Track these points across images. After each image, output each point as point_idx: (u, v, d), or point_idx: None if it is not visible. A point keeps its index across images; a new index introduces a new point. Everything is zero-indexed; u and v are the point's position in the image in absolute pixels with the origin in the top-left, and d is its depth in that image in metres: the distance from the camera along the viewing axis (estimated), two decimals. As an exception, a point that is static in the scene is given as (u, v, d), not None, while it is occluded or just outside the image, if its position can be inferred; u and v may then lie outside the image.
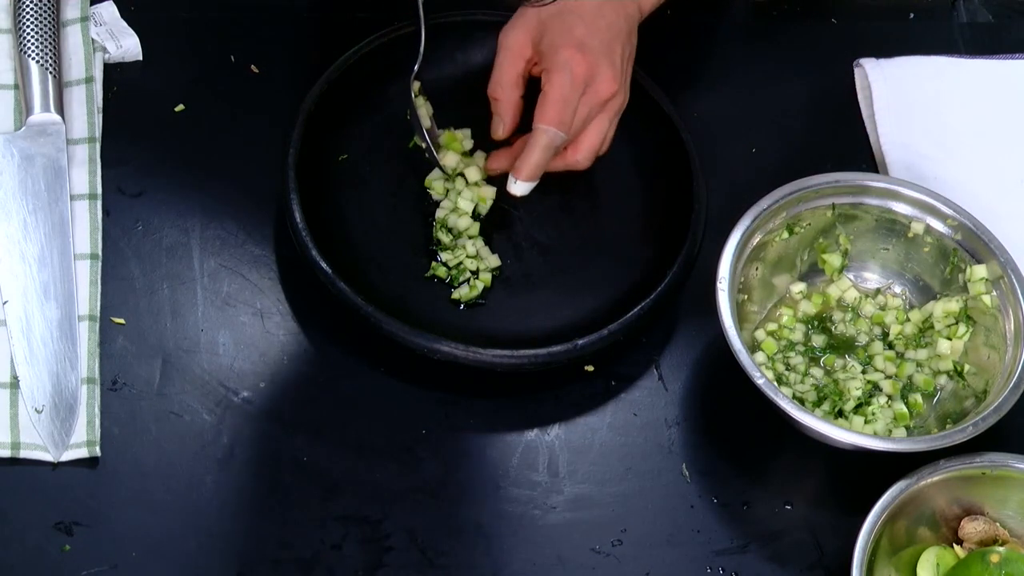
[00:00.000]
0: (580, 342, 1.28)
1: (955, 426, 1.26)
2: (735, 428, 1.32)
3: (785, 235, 1.34)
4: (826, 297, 1.37)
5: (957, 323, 1.34)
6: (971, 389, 1.31)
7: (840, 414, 1.30)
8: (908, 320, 1.36)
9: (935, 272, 1.36)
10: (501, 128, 1.35)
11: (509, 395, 1.32)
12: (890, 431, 1.30)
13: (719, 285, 1.28)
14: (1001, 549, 1.23)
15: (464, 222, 1.36)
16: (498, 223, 1.38)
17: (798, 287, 1.37)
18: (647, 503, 1.28)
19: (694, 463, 1.30)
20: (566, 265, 1.37)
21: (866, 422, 1.30)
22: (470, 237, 1.36)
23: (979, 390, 1.30)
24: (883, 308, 1.37)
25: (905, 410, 1.31)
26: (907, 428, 1.31)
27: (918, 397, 1.32)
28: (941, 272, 1.36)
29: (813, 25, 1.55)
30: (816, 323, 1.36)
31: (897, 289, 1.38)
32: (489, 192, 1.37)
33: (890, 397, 1.32)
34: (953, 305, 1.34)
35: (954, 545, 1.26)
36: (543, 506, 1.27)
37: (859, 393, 1.31)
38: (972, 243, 1.34)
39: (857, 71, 1.50)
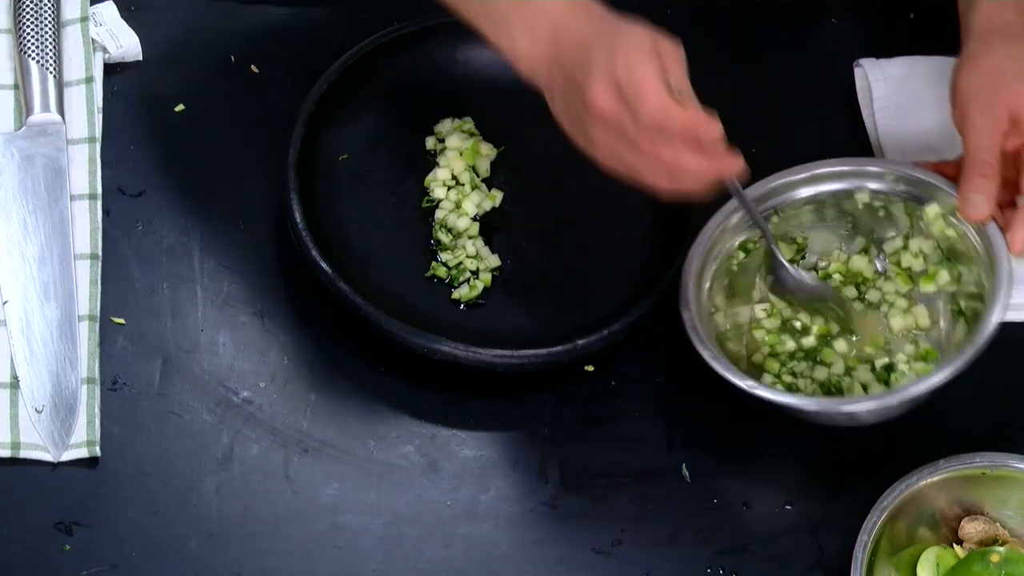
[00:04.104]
0: (580, 342, 1.28)
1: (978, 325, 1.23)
2: (735, 428, 1.32)
3: (742, 256, 1.33)
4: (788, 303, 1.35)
5: (936, 265, 1.32)
6: (968, 300, 1.30)
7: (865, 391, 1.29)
8: (886, 276, 1.34)
9: (900, 231, 1.34)
10: (984, 206, 1.24)
11: (509, 395, 1.32)
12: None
13: (684, 315, 1.26)
14: (1001, 549, 1.23)
15: (464, 222, 1.36)
16: (498, 223, 1.38)
17: (760, 307, 1.35)
18: (647, 503, 1.28)
19: (694, 463, 1.30)
20: (566, 265, 1.37)
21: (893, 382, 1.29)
22: (470, 237, 1.36)
23: (976, 293, 1.28)
24: (847, 273, 1.35)
25: (928, 346, 1.30)
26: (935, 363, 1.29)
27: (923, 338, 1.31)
28: (904, 229, 1.34)
29: (813, 25, 1.55)
30: (794, 325, 1.34)
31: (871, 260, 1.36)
32: (496, 195, 1.37)
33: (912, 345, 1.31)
34: (924, 245, 1.32)
35: (954, 545, 1.26)
36: (543, 506, 1.27)
37: (881, 363, 1.30)
38: (917, 189, 1.32)
39: (857, 71, 1.50)
